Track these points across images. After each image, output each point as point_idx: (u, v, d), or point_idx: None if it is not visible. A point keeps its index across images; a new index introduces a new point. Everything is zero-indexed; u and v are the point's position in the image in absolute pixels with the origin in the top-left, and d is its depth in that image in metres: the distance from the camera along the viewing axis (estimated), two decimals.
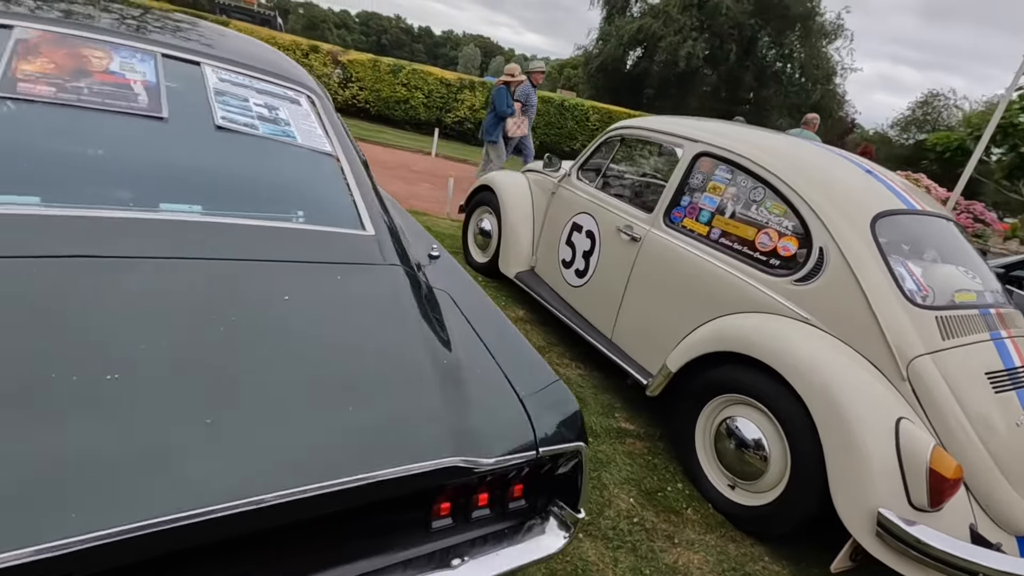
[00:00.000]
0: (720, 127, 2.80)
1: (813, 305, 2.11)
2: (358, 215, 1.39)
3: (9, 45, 1.34)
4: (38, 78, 1.28)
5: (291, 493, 0.79)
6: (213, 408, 0.85)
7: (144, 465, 0.75)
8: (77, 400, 0.78)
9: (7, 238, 0.91)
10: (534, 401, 1.10)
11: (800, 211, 2.19)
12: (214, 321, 0.96)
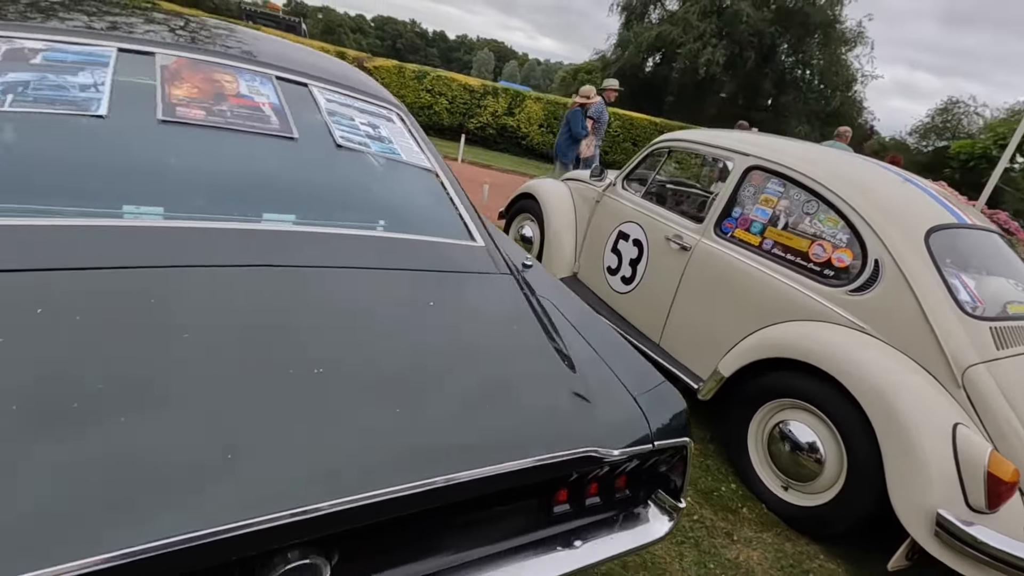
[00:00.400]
0: (770, 141, 2.90)
1: (868, 314, 2.20)
2: (466, 227, 1.51)
3: (157, 72, 1.49)
4: (190, 102, 1.42)
5: (455, 477, 0.91)
6: (380, 402, 0.97)
7: (337, 451, 0.87)
8: (260, 390, 0.89)
9: (214, 247, 1.04)
10: (646, 399, 1.22)
11: (855, 224, 2.29)
12: (370, 322, 1.09)
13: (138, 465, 0.71)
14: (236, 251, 1.07)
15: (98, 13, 1.83)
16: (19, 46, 1.39)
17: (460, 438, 0.96)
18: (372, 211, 1.45)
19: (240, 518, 0.71)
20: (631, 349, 1.40)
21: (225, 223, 1.15)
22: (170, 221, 1.10)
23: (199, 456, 0.75)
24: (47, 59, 1.38)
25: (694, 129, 3.66)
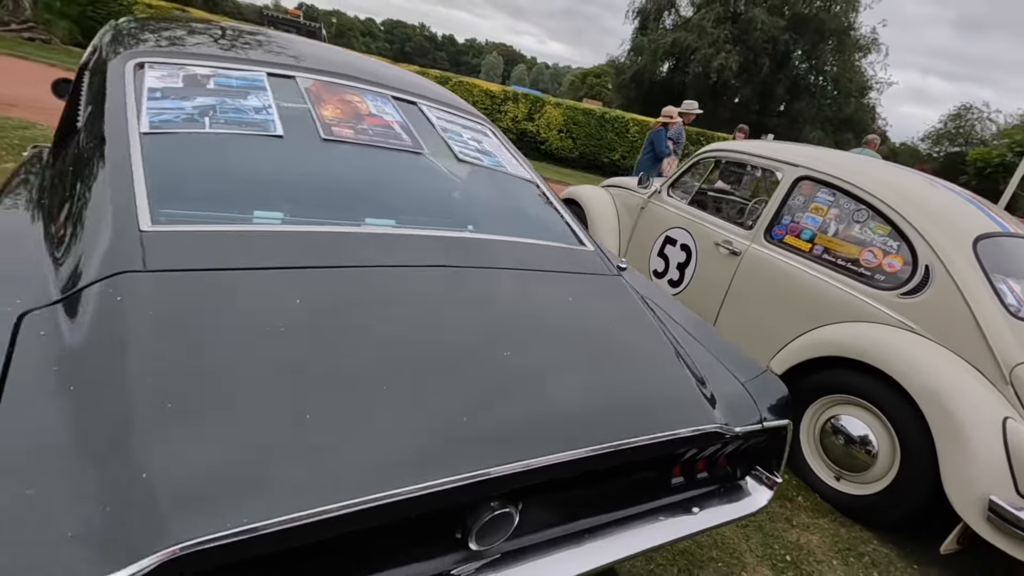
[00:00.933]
0: (817, 152, 3.07)
1: (919, 316, 2.36)
2: (574, 233, 1.69)
3: (304, 95, 1.69)
4: (339, 122, 1.62)
5: (622, 443, 1.08)
6: (553, 381, 1.15)
7: (533, 419, 1.05)
8: (471, 365, 1.07)
9: (408, 251, 1.23)
10: (753, 385, 1.39)
11: (905, 232, 2.45)
12: (531, 315, 1.28)
13: (400, 425, 0.90)
14: (424, 253, 1.25)
15: (234, 40, 2.04)
16: (192, 72, 1.59)
17: (617, 412, 1.14)
18: (502, 219, 1.63)
19: (480, 467, 0.89)
20: (729, 342, 1.57)
21: (406, 230, 1.33)
22: (365, 228, 1.29)
23: (452, 418, 0.93)
24: (218, 84, 1.58)
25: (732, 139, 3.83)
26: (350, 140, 1.56)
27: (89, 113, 1.37)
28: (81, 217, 1.06)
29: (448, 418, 0.94)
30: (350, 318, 1.03)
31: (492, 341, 1.13)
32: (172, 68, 1.58)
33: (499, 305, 1.25)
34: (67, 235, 1.02)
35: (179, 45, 1.80)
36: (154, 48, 1.65)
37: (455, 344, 1.09)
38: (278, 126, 1.47)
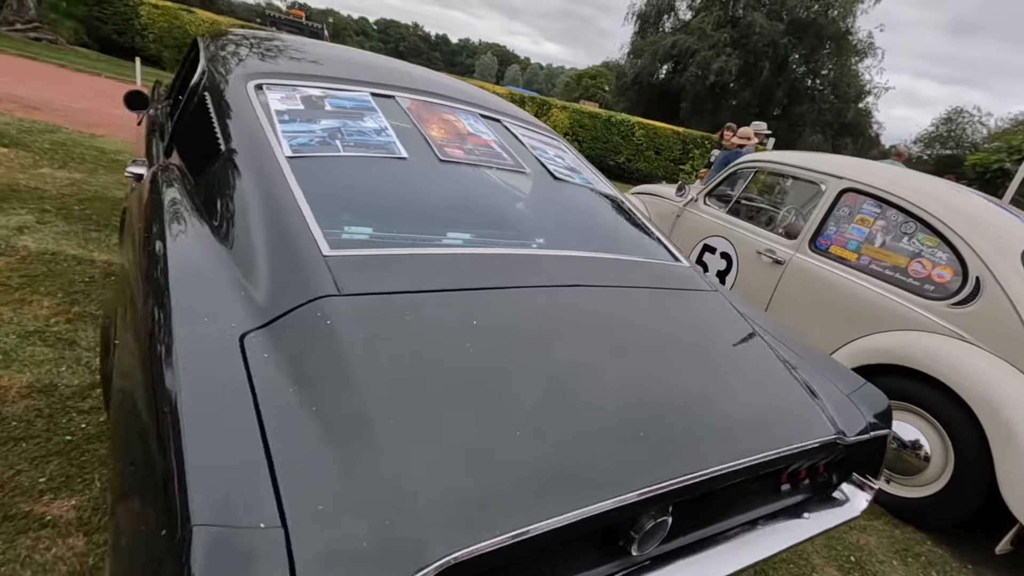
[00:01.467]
0: (859, 164, 3.16)
1: (970, 326, 2.46)
2: (667, 249, 1.77)
3: (408, 114, 1.75)
4: (448, 142, 1.68)
5: (752, 459, 1.15)
6: (686, 396, 1.22)
7: (679, 436, 1.11)
8: (616, 381, 1.14)
9: (538, 270, 1.30)
10: (856, 396, 1.47)
11: (955, 245, 2.54)
12: (649, 334, 1.34)
13: (594, 439, 0.97)
14: (562, 273, 1.32)
15: (321, 57, 2.10)
16: (307, 93, 1.65)
17: (751, 426, 1.21)
18: (610, 237, 1.70)
19: (659, 479, 0.96)
20: (824, 354, 1.65)
21: (545, 251, 1.41)
22: (511, 249, 1.36)
23: (628, 434, 1.00)
24: (333, 105, 1.64)
25: (782, 151, 3.92)
26: (463, 160, 1.63)
27: (222, 136, 1.42)
28: (259, 243, 1.11)
29: (626, 434, 1.01)
30: (528, 338, 1.10)
31: (638, 359, 1.20)
32: (288, 89, 1.64)
33: (633, 324, 1.31)
34: (250, 261, 1.08)
35: (281, 63, 1.86)
36: (268, 69, 1.71)
37: (611, 363, 1.16)
38: (400, 148, 1.53)
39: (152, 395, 0.83)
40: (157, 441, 0.76)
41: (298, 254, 1.06)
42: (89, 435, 1.85)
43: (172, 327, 0.90)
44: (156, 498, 0.70)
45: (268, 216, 1.15)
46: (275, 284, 1.02)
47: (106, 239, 3.27)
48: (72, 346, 2.26)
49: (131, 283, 1.22)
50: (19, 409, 1.88)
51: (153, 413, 0.81)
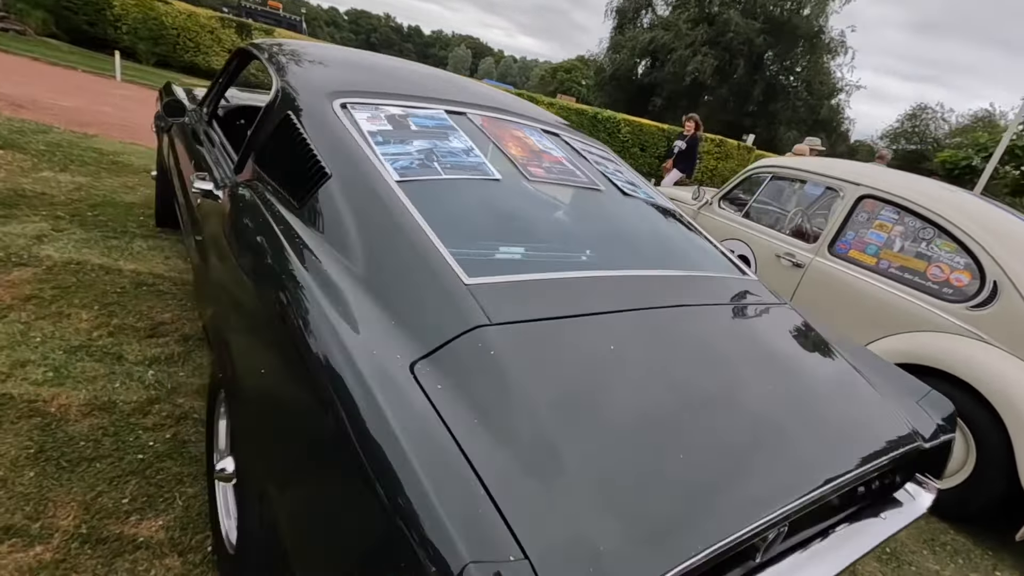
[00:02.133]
0: (874, 171, 3.30)
1: (988, 327, 2.60)
2: (731, 262, 1.84)
3: (483, 132, 1.77)
4: (528, 161, 1.71)
5: (852, 473, 1.23)
6: (791, 415, 1.29)
7: (800, 454, 1.19)
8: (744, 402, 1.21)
9: (645, 293, 1.35)
10: (925, 403, 1.57)
11: (973, 251, 2.69)
12: (742, 350, 1.41)
13: (742, 458, 1.03)
14: (661, 294, 1.38)
15: (382, 68, 2.10)
16: (390, 112, 1.67)
17: (851, 440, 1.29)
18: (687, 254, 1.75)
19: (796, 495, 1.03)
20: (888, 362, 1.75)
21: (643, 271, 1.45)
22: (608, 271, 1.40)
23: (757, 451, 1.06)
24: (417, 124, 1.66)
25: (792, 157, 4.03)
26: (548, 180, 1.67)
27: (324, 159, 1.42)
28: (394, 273, 1.14)
29: (759, 452, 1.07)
30: (658, 359, 1.16)
31: (749, 377, 1.26)
32: (371, 108, 1.65)
33: (736, 341, 1.38)
34: (389, 291, 1.10)
35: (356, 79, 1.86)
36: (348, 87, 1.71)
37: (729, 382, 1.22)
38: (492, 169, 1.56)
39: (345, 437, 0.85)
40: (368, 481, 0.79)
41: (441, 284, 1.09)
42: (159, 453, 1.84)
43: (350, 360, 0.93)
44: (398, 537, 0.73)
45: (398, 245, 1.18)
46: (424, 314, 1.05)
47: (127, 246, 3.20)
48: (120, 360, 2.23)
49: (255, 310, 1.23)
50: (84, 428, 1.86)
51: (353, 455, 0.83)
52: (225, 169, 1.93)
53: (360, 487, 0.81)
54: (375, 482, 0.79)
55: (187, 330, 2.55)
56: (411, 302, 1.08)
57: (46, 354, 2.15)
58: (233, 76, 2.48)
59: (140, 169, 4.79)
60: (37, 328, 2.29)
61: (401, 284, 1.12)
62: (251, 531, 1.18)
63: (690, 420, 1.06)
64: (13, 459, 1.68)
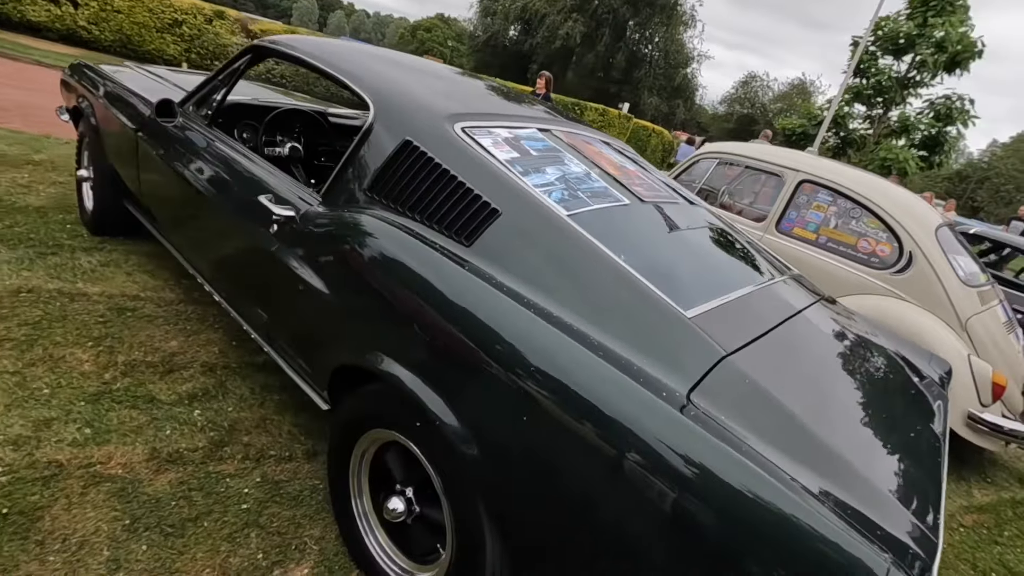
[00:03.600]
0: (812, 159, 3.85)
1: (906, 288, 3.26)
2: (781, 263, 2.13)
3: (578, 150, 1.85)
4: (627, 180, 1.83)
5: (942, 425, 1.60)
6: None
7: None
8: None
9: (784, 305, 1.56)
10: (934, 363, 2.01)
11: (892, 227, 3.31)
12: (841, 343, 1.71)
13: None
14: (788, 304, 1.61)
15: (445, 77, 2.05)
16: (505, 136, 1.68)
17: (929, 399, 1.66)
18: (752, 262, 1.99)
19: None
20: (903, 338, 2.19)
21: (765, 282, 1.66)
22: (755, 285, 1.59)
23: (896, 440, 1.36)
24: (531, 148, 1.69)
25: (736, 142, 4.49)
26: (653, 199, 1.80)
27: (482, 191, 1.41)
28: (618, 310, 1.22)
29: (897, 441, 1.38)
30: (825, 361, 1.40)
31: (853, 369, 1.57)
32: (485, 132, 1.65)
33: (832, 339, 1.67)
34: (623, 328, 1.19)
35: (451, 96, 1.82)
36: (458, 109, 1.68)
37: (855, 374, 1.51)
38: (617, 194, 1.66)
39: (649, 466, 0.98)
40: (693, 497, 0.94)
41: (666, 318, 1.20)
42: (259, 499, 1.73)
43: (628, 395, 1.04)
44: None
45: (605, 282, 1.26)
46: (665, 349, 1.16)
47: (73, 264, 2.74)
48: (155, 403, 2.00)
49: (474, 355, 1.23)
50: (165, 486, 1.68)
51: (675, 479, 0.96)
52: (286, 191, 1.79)
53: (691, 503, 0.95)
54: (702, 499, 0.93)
55: (205, 358, 2.31)
56: (645, 338, 1.18)
57: (67, 408, 1.86)
58: (240, 75, 2.21)
59: (20, 160, 3.98)
60: (35, 377, 1.96)
61: (628, 322, 1.20)
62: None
63: (876, 418, 1.32)
64: (111, 535, 1.49)
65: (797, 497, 0.91)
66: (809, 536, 0.88)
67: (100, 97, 2.76)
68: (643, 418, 1.03)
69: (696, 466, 0.97)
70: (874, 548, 0.87)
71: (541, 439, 1.13)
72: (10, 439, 1.69)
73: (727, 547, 0.94)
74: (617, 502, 1.04)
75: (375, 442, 1.53)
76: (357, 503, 1.60)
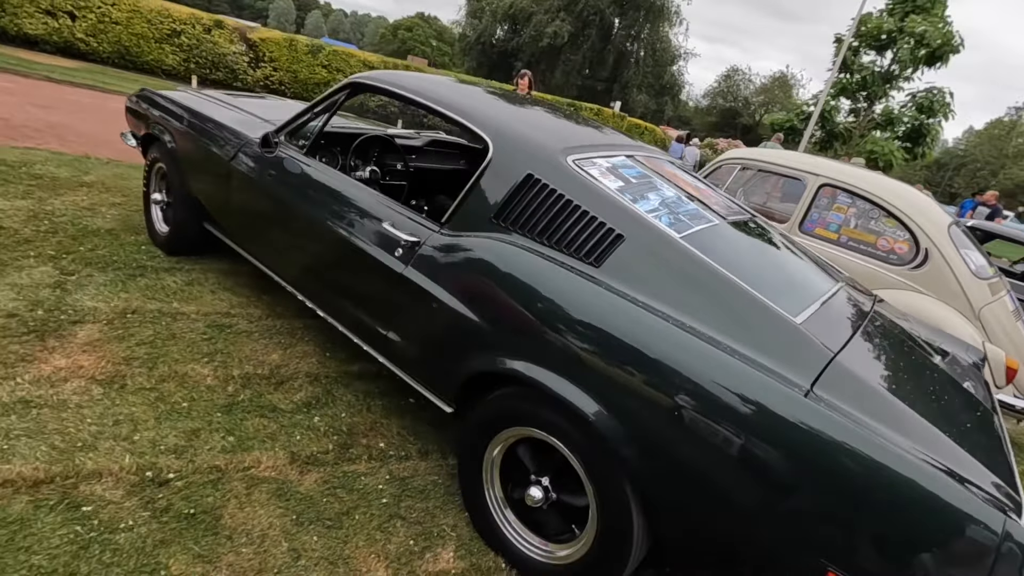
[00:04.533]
0: (830, 163, 4.12)
1: (924, 282, 3.55)
2: (837, 271, 2.38)
3: (660, 173, 2.08)
4: (704, 197, 2.06)
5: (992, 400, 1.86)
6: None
7: None
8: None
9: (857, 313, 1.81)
10: (971, 351, 2.27)
11: (909, 226, 3.60)
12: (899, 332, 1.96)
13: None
14: (862, 306, 1.86)
15: (532, 105, 2.27)
16: (607, 164, 1.90)
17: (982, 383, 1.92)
18: (826, 269, 2.23)
19: None
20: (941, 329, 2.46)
21: (833, 288, 1.91)
22: (824, 295, 1.83)
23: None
24: (630, 175, 1.92)
25: (757, 149, 4.74)
26: (730, 217, 2.04)
27: (606, 219, 1.64)
28: (739, 319, 1.46)
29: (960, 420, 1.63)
30: (903, 352, 1.66)
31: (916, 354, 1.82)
32: (591, 163, 1.87)
33: (896, 331, 1.92)
34: (746, 332, 1.42)
35: (549, 128, 2.04)
36: (572, 143, 1.90)
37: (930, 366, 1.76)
38: (707, 214, 1.90)
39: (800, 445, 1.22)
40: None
41: (780, 324, 1.44)
42: (394, 494, 1.94)
43: (764, 391, 1.28)
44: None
45: (725, 295, 1.49)
46: (783, 351, 1.39)
47: (161, 284, 2.90)
48: (278, 412, 2.20)
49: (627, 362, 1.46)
50: (312, 485, 1.89)
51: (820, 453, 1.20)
52: (400, 218, 1.99)
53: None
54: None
55: (306, 369, 2.51)
56: (766, 342, 1.41)
57: (207, 419, 2.06)
58: (338, 108, 2.40)
59: (73, 183, 4.11)
60: (170, 393, 2.14)
61: (748, 328, 1.43)
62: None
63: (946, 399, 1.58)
64: (284, 529, 1.70)
65: (919, 463, 1.16)
66: (933, 496, 1.13)
67: (181, 126, 2.92)
68: (779, 407, 1.27)
69: (831, 444, 1.21)
70: (986, 505, 1.11)
71: (683, 427, 1.36)
72: (171, 448, 1.88)
73: (865, 514, 1.18)
74: (758, 479, 1.28)
75: (508, 439, 1.75)
76: (490, 493, 1.82)
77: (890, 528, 1.16)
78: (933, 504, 1.13)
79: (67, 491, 1.64)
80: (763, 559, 1.34)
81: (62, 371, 2.11)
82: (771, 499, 1.27)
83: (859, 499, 1.19)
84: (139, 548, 1.53)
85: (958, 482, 1.15)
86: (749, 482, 1.29)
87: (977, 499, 1.12)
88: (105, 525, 1.57)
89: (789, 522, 1.27)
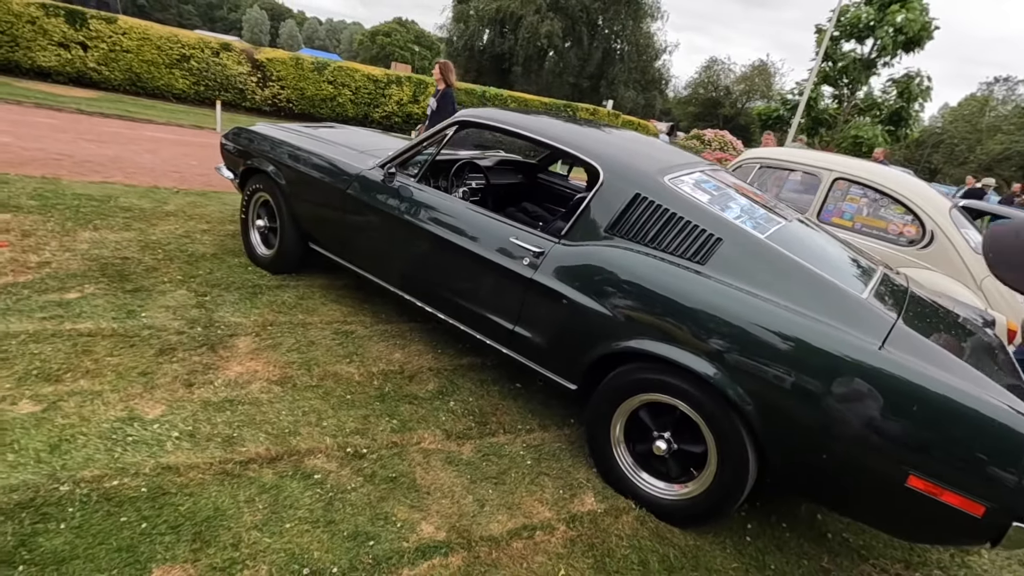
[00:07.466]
0: (842, 159, 4.62)
1: (932, 260, 4.05)
2: (875, 257, 2.86)
3: (727, 184, 2.55)
4: (765, 203, 2.53)
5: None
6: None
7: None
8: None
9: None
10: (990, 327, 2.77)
11: (916, 212, 4.10)
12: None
13: None
14: (903, 284, 2.33)
15: (613, 131, 2.72)
16: (691, 180, 2.36)
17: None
18: (866, 255, 2.70)
19: None
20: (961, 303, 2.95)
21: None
22: (878, 275, 2.30)
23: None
24: (709, 188, 2.38)
25: (775, 148, 5.24)
26: (790, 217, 2.51)
27: (707, 227, 2.10)
28: (820, 299, 1.92)
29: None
30: (940, 318, 2.13)
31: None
32: (680, 180, 2.33)
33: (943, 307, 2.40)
34: (828, 307, 1.89)
35: (635, 153, 2.50)
36: (665, 165, 2.36)
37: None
38: (775, 216, 2.36)
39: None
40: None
41: (853, 301, 1.91)
42: (534, 457, 2.39)
43: (852, 350, 1.74)
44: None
45: (813, 281, 1.96)
46: (857, 319, 1.86)
47: (280, 300, 3.32)
48: (419, 400, 2.63)
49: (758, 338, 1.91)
50: (470, 454, 2.33)
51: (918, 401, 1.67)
52: (523, 233, 2.44)
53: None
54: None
55: (427, 364, 2.95)
56: (844, 315, 1.88)
57: (370, 407, 2.49)
58: (447, 142, 2.84)
59: (159, 213, 4.50)
60: (332, 388, 2.58)
61: (831, 305, 1.90)
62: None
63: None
64: (464, 486, 2.14)
65: (975, 393, 1.63)
66: (988, 418, 1.59)
67: (288, 160, 3.33)
68: (860, 357, 1.74)
69: (903, 381, 1.67)
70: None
71: (787, 378, 1.82)
72: (354, 431, 2.32)
73: (936, 431, 1.65)
74: (850, 411, 1.74)
75: (632, 406, 2.20)
76: (617, 450, 2.27)
77: (956, 443, 1.63)
78: (988, 423, 1.60)
79: (296, 465, 2.07)
80: (853, 472, 1.80)
81: (243, 375, 2.54)
82: (862, 426, 1.74)
83: (930, 420, 1.65)
84: (367, 503, 1.97)
85: (1006, 406, 1.61)
86: (843, 414, 1.75)
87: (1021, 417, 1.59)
88: (337, 488, 2.00)
89: (878, 441, 1.73)
